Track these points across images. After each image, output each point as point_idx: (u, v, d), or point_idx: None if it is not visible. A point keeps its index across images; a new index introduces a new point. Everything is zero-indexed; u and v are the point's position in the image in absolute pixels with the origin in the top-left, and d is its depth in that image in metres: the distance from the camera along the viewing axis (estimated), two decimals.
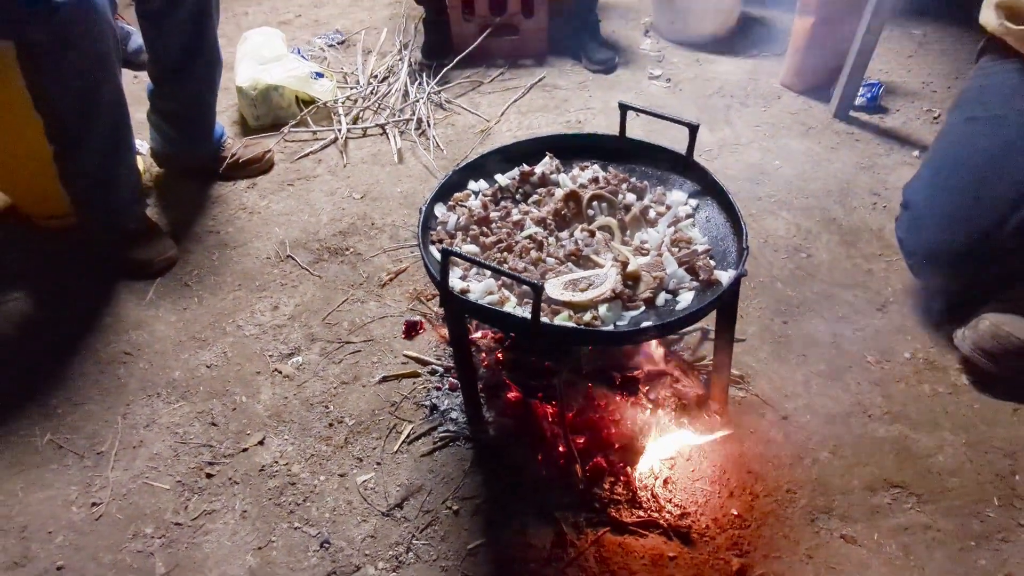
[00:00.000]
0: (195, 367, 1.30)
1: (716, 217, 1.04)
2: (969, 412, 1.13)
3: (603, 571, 0.96)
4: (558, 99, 2.02)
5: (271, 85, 1.91)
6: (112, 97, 1.30)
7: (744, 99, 1.97)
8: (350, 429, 1.17)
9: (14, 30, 1.15)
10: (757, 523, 1.01)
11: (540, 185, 1.12)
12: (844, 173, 1.66)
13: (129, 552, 1.02)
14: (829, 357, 1.23)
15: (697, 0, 2.12)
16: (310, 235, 1.59)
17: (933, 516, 1.00)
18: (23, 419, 1.22)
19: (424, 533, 1.02)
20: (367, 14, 2.56)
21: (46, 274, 1.52)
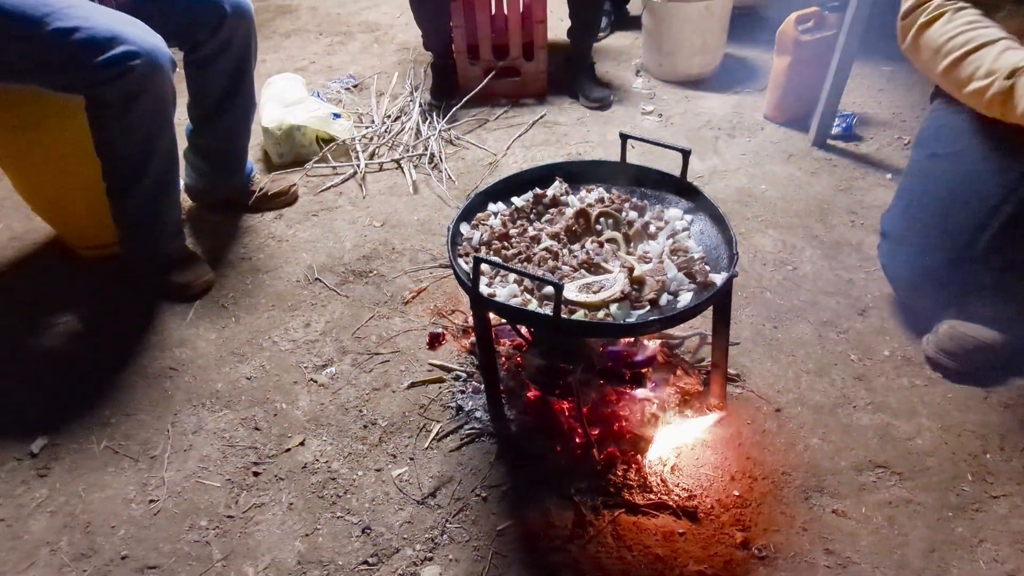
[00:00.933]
0: (236, 379, 1.41)
1: (709, 230, 1.18)
2: (943, 401, 1.25)
3: (620, 546, 1.06)
4: (559, 134, 2.19)
5: (294, 125, 2.07)
6: (167, 144, 1.44)
7: (730, 131, 2.14)
8: (383, 430, 1.28)
9: (90, 88, 1.29)
10: (757, 502, 1.12)
11: (552, 206, 1.26)
12: (823, 195, 1.81)
13: (187, 542, 1.12)
14: (816, 356, 1.36)
15: (683, 43, 2.32)
16: (335, 260, 1.72)
17: (914, 491, 1.11)
18: (80, 428, 1.32)
19: (456, 518, 1.12)
20: (377, 60, 2.76)
21: (91, 298, 1.64)
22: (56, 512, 1.18)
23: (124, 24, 1.28)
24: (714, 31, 2.33)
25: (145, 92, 1.31)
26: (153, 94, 1.33)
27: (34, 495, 1.21)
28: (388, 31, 3.01)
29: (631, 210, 1.22)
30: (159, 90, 1.33)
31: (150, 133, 1.39)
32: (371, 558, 1.08)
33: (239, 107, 1.70)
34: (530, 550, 1.07)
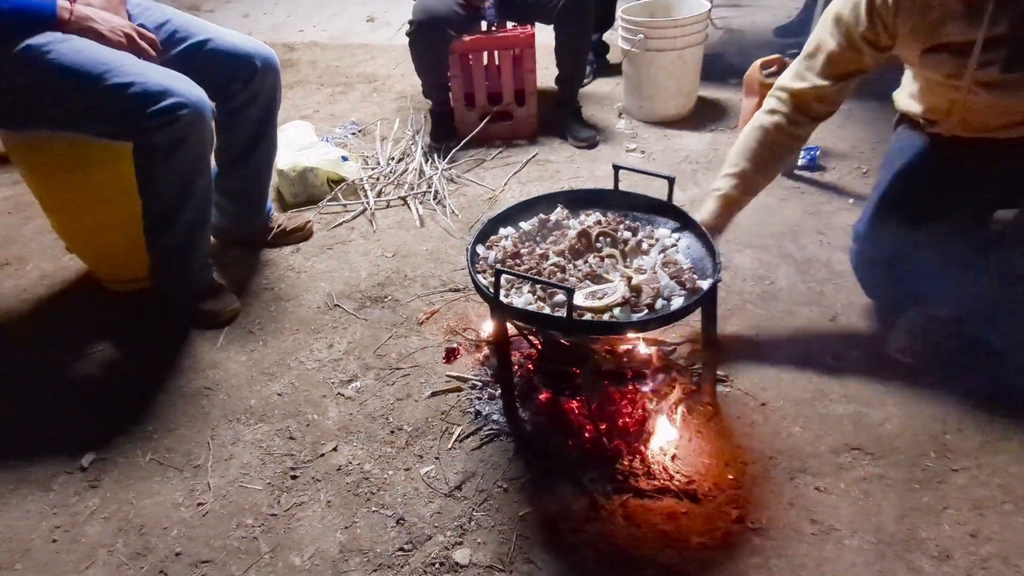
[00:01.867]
0: (268, 396, 1.53)
1: (694, 244, 1.35)
2: (906, 391, 1.41)
3: (630, 525, 1.19)
4: (551, 170, 2.39)
5: (308, 167, 2.24)
6: (204, 185, 1.59)
7: (707, 164, 2.35)
8: (409, 434, 1.40)
9: (140, 135, 1.45)
10: (749, 483, 1.25)
11: (555, 229, 1.43)
12: (794, 218, 2.01)
13: (235, 538, 1.22)
14: (794, 358, 1.52)
15: (660, 88, 2.55)
16: (352, 287, 1.86)
17: (885, 468, 1.26)
18: (125, 444, 1.43)
19: (482, 507, 1.24)
20: (377, 107, 2.96)
21: (124, 328, 1.76)
22: (110, 518, 1.28)
23: (172, 78, 1.44)
24: (688, 76, 2.56)
25: (189, 139, 1.47)
26: (196, 140, 1.49)
27: (87, 504, 1.31)
28: (386, 81, 3.22)
29: (626, 230, 1.39)
30: (201, 136, 1.49)
31: (190, 175, 1.54)
32: (406, 545, 1.19)
33: (264, 152, 1.86)
34: (550, 531, 1.19)
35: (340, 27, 4.06)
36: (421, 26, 2.29)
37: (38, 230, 2.22)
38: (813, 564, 1.12)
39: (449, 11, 2.29)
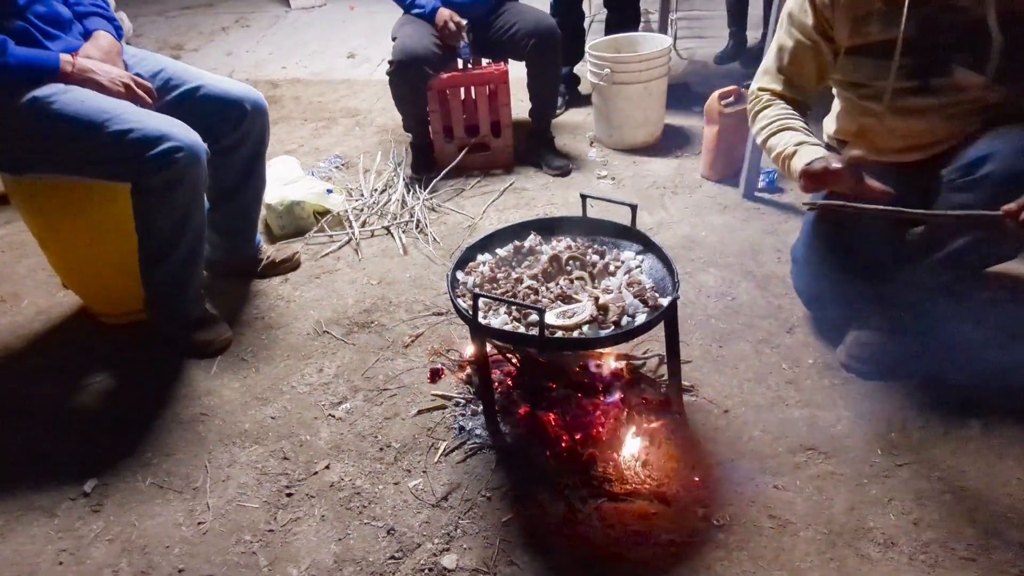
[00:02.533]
0: (262, 419, 1.61)
1: (656, 266, 1.47)
2: (856, 395, 1.53)
3: (605, 527, 1.28)
4: (527, 198, 2.51)
5: (294, 201, 2.35)
6: (198, 221, 1.69)
7: (674, 189, 2.49)
8: (397, 451, 1.49)
9: (139, 177, 1.55)
10: (713, 485, 1.36)
11: (529, 255, 1.54)
12: (754, 237, 2.15)
13: (235, 553, 1.30)
14: (754, 367, 1.64)
15: (628, 117, 2.70)
16: (340, 314, 1.96)
17: (836, 465, 1.37)
18: (126, 470, 1.50)
19: (467, 515, 1.33)
20: (360, 141, 3.08)
21: (120, 359, 1.84)
22: (114, 540, 1.35)
23: (169, 124, 1.55)
24: (654, 107, 2.72)
25: (185, 179, 1.57)
26: (191, 180, 1.59)
27: (91, 527, 1.38)
28: (368, 115, 3.35)
29: (593, 254, 1.51)
30: (196, 177, 1.59)
31: (186, 212, 1.64)
32: (397, 553, 1.27)
33: (252, 188, 1.97)
34: (531, 535, 1.28)
35: (322, 64, 4.20)
36: (401, 65, 2.42)
37: (32, 268, 2.29)
38: (771, 555, 1.22)
39: (427, 51, 2.42)
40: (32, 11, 1.53)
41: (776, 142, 1.44)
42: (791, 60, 1.47)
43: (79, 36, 1.65)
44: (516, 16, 2.54)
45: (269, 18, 5.25)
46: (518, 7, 2.61)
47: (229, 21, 5.23)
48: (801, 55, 1.45)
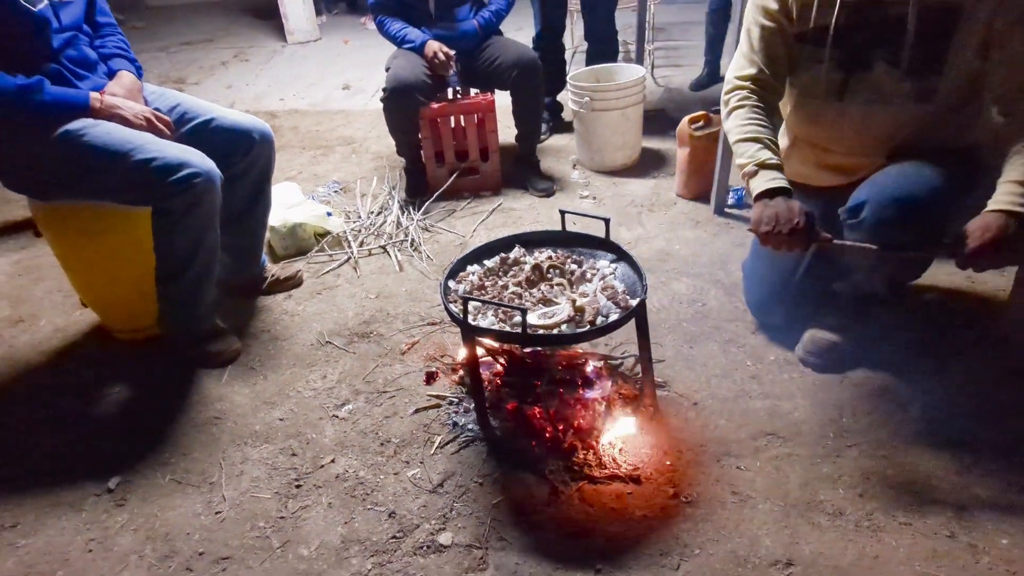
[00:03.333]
0: (271, 421, 1.75)
1: (628, 272, 1.63)
2: (812, 386, 1.69)
3: (585, 506, 1.42)
4: (514, 217, 2.69)
5: (296, 223, 2.51)
6: (212, 240, 1.84)
7: (650, 207, 2.68)
8: (396, 445, 1.63)
9: (159, 201, 1.71)
10: (683, 467, 1.50)
11: (514, 265, 1.70)
12: (723, 250, 2.32)
13: (250, 538, 1.43)
14: (721, 364, 1.80)
15: (607, 142, 2.90)
16: (341, 326, 2.11)
17: (793, 448, 1.52)
18: (146, 468, 1.63)
19: (460, 499, 1.47)
20: (356, 167, 3.26)
21: (135, 371, 1.97)
22: (138, 529, 1.47)
23: (188, 152, 1.72)
24: (631, 131, 2.92)
25: (201, 202, 1.73)
26: (207, 203, 1.75)
27: (116, 519, 1.50)
28: (363, 143, 3.54)
29: (572, 263, 1.68)
30: (211, 200, 1.76)
31: (201, 233, 1.79)
32: (398, 533, 1.41)
33: (259, 212, 2.13)
34: (519, 514, 1.42)
35: (318, 95, 4.41)
36: (394, 92, 2.60)
37: (48, 290, 2.43)
38: (732, 525, 1.36)
39: (418, 80, 2.61)
40: (65, 55, 1.70)
41: (742, 150, 1.54)
42: (761, 43, 1.57)
43: (104, 75, 1.82)
44: (500, 50, 2.75)
45: (267, 52, 5.48)
46: (502, 41, 2.82)
47: (228, 56, 5.45)
48: (769, 37, 1.56)
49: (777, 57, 1.58)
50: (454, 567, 1.33)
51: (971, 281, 2.01)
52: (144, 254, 1.86)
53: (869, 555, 1.28)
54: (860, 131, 1.56)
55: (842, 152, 1.62)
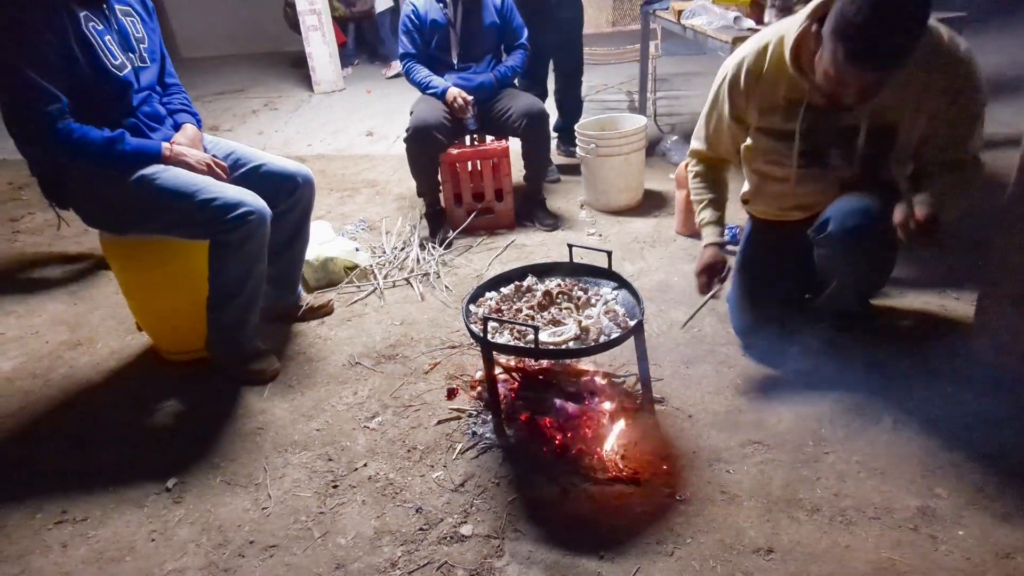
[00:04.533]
0: (308, 432, 1.95)
1: (628, 298, 1.85)
2: (795, 401, 1.86)
3: (590, 503, 1.60)
4: (526, 252, 2.92)
5: (328, 257, 2.76)
6: (260, 271, 2.08)
7: (652, 243, 2.90)
8: (422, 451, 1.82)
9: (217, 235, 1.96)
10: (678, 471, 1.68)
11: (527, 292, 1.92)
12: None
13: (294, 529, 1.62)
14: (714, 383, 1.99)
15: (611, 184, 3.15)
16: (369, 349, 2.32)
17: (777, 454, 1.70)
18: (199, 471, 1.83)
19: (480, 497, 1.65)
20: (380, 208, 3.53)
21: (186, 388, 2.19)
22: (194, 523, 1.67)
23: (243, 193, 1.97)
24: (633, 175, 3.18)
25: (254, 236, 1.98)
26: (258, 238, 1.99)
27: (175, 514, 1.70)
28: (386, 186, 3.82)
29: (578, 290, 1.90)
30: (263, 235, 2.00)
31: (252, 263, 2.03)
32: (424, 526, 1.59)
33: (299, 246, 2.38)
34: (531, 510, 1.60)
35: (343, 141, 4.73)
36: (416, 131, 2.87)
37: (103, 316, 2.68)
38: (721, 519, 1.53)
39: (438, 121, 2.89)
40: (141, 111, 1.98)
41: (697, 210, 1.98)
42: (714, 131, 1.89)
43: (171, 127, 2.10)
44: (511, 100, 3.03)
45: (294, 102, 5.87)
46: (513, 92, 3.11)
47: (259, 104, 5.84)
48: (720, 129, 1.87)
49: (725, 144, 1.91)
50: (475, 554, 1.51)
51: (942, 307, 2.20)
52: (197, 283, 2.10)
53: (841, 544, 1.45)
54: (813, 200, 1.82)
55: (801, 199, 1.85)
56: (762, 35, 1.73)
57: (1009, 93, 4.18)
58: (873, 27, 1.33)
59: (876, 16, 1.32)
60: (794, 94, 1.67)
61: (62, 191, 1.97)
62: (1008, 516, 1.47)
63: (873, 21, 1.33)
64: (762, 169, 1.84)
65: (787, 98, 1.69)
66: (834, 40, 1.40)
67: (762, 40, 1.71)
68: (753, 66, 1.71)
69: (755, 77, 1.71)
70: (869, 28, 1.34)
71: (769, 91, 1.71)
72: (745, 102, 1.77)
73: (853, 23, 1.35)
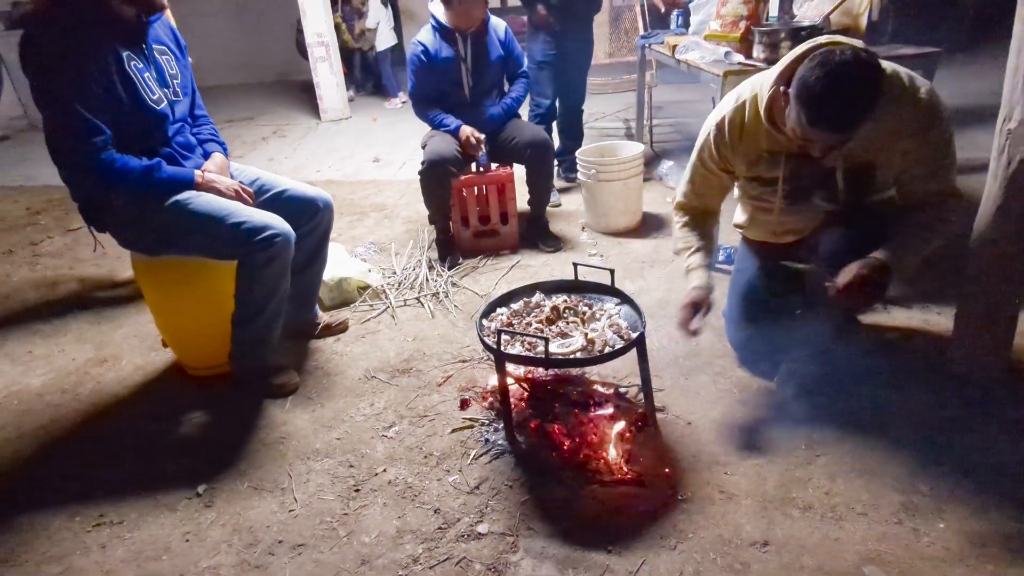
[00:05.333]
0: (329, 440, 2.06)
1: (630, 312, 1.98)
2: (788, 409, 1.99)
3: (597, 503, 1.71)
4: (531, 272, 3.06)
5: (343, 277, 2.89)
6: (284, 288, 2.22)
7: (651, 263, 3.05)
8: (438, 457, 1.94)
9: (245, 256, 2.09)
10: (679, 473, 1.80)
11: (535, 307, 2.06)
12: (714, 298, 2.66)
13: (320, 529, 1.72)
14: (712, 393, 2.11)
15: (611, 208, 3.31)
16: (384, 363, 2.44)
17: (771, 457, 1.82)
18: (227, 477, 1.94)
19: (494, 498, 1.76)
20: (389, 231, 3.68)
21: (211, 401, 2.30)
22: (225, 524, 1.77)
23: (269, 216, 2.11)
24: (632, 199, 3.34)
25: (279, 257, 2.11)
26: (283, 258, 2.13)
27: (206, 517, 1.80)
28: (394, 209, 3.98)
29: (583, 306, 2.03)
30: (287, 255, 2.14)
31: (276, 282, 2.17)
32: (443, 525, 1.70)
33: (317, 266, 2.51)
34: (543, 510, 1.71)
35: (351, 167, 4.91)
36: (432, 164, 3.02)
37: (126, 335, 2.80)
38: (720, 516, 1.65)
39: (452, 155, 3.05)
40: (175, 141, 2.14)
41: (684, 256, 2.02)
42: (701, 183, 2.00)
43: (201, 156, 2.25)
44: (517, 131, 3.21)
45: (302, 129, 6.06)
46: (519, 123, 3.29)
47: (268, 132, 6.04)
48: (707, 181, 1.98)
49: (711, 195, 2.02)
50: (491, 550, 1.62)
51: (925, 322, 2.34)
52: (221, 302, 2.23)
53: (831, 537, 1.56)
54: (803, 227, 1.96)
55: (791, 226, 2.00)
56: (739, 92, 1.87)
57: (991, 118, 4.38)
58: (830, 97, 1.47)
59: (833, 86, 1.46)
60: (773, 146, 1.80)
61: (101, 216, 2.11)
62: (984, 509, 1.59)
63: (830, 91, 1.47)
64: (751, 205, 1.99)
65: (768, 150, 1.82)
66: (797, 104, 1.54)
67: (739, 97, 1.85)
68: (734, 120, 1.84)
69: (737, 130, 1.84)
70: (826, 97, 1.48)
71: (751, 144, 1.84)
72: (732, 155, 1.89)
73: (813, 91, 1.49)
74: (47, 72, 1.85)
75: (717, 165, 1.94)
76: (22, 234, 4.20)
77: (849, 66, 1.48)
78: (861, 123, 1.53)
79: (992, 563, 1.46)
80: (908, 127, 1.67)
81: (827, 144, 1.60)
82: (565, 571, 1.54)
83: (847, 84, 1.48)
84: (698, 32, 3.41)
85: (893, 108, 1.63)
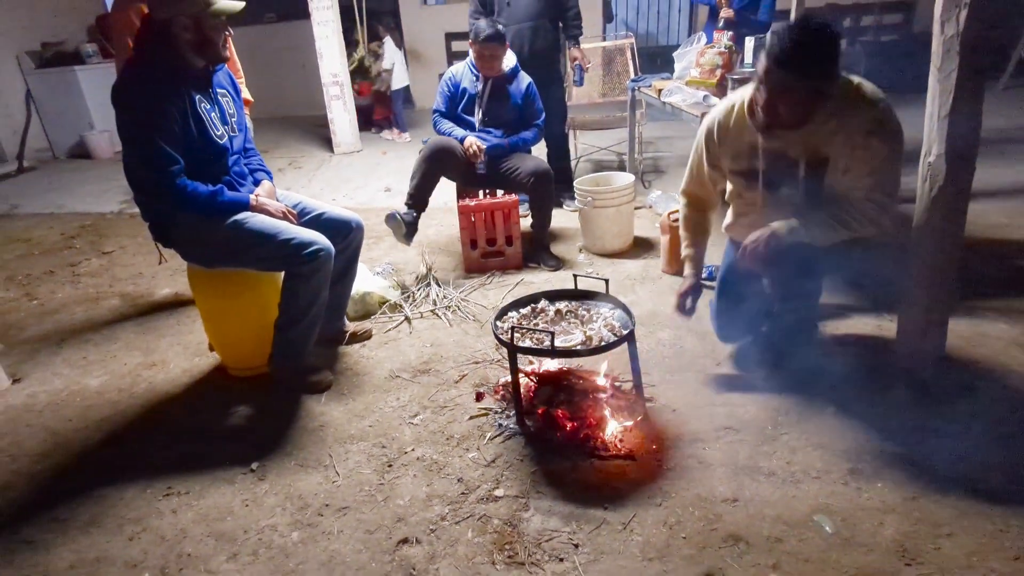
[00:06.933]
0: (362, 427, 2.38)
1: (623, 315, 2.32)
2: (758, 398, 2.32)
3: (595, 473, 2.03)
4: (534, 288, 3.40)
5: (366, 292, 3.23)
6: (324, 297, 2.55)
7: (642, 280, 3.40)
8: (458, 439, 2.25)
9: (292, 268, 2.43)
10: (665, 449, 2.11)
11: (541, 312, 2.40)
12: (698, 310, 3.01)
13: (360, 495, 2.02)
14: (695, 386, 2.44)
15: (605, 231, 3.68)
16: (406, 365, 2.76)
17: (743, 436, 2.14)
18: (276, 457, 2.24)
19: (508, 470, 2.07)
20: (402, 253, 4.03)
21: (254, 397, 2.61)
22: (278, 493, 2.07)
23: (314, 234, 2.46)
24: (624, 224, 3.71)
25: (322, 269, 2.45)
26: (325, 270, 2.47)
27: (261, 488, 2.10)
28: None
29: (582, 310, 2.37)
30: (328, 268, 2.48)
31: (318, 291, 2.50)
32: (465, 490, 2.00)
33: (348, 280, 2.86)
34: (549, 478, 2.02)
35: (364, 196, 5.28)
36: (436, 145, 3.52)
37: (170, 342, 3.12)
38: (698, 480, 1.96)
39: (456, 148, 3.49)
40: (232, 170, 2.50)
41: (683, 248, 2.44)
42: (696, 175, 2.39)
43: (252, 183, 2.61)
44: (520, 161, 3.60)
45: (316, 161, 6.46)
46: (523, 155, 3.68)
47: (284, 163, 6.43)
48: (702, 174, 2.36)
49: (704, 183, 2.40)
50: (507, 509, 1.92)
51: (878, 327, 2.69)
52: (264, 309, 2.57)
53: (789, 495, 1.88)
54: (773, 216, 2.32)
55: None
56: (731, 98, 2.25)
57: None
58: (795, 41, 1.82)
59: (796, 30, 1.82)
60: (754, 140, 2.17)
61: (169, 233, 2.45)
62: (918, 474, 1.91)
63: (796, 38, 1.82)
64: (737, 202, 2.35)
65: (750, 144, 2.18)
66: (764, 61, 1.89)
67: (731, 102, 2.23)
68: (723, 122, 2.22)
69: (725, 130, 2.21)
70: (791, 41, 1.82)
71: (736, 140, 2.20)
72: (719, 150, 2.26)
73: (780, 42, 1.84)
74: (135, 111, 2.22)
75: (708, 160, 2.31)
76: (60, 256, 4.53)
77: (814, 20, 1.84)
78: (817, 69, 1.83)
79: (919, 511, 1.78)
80: (856, 124, 1.95)
81: (779, 93, 1.88)
82: (569, 523, 1.85)
83: (809, 30, 1.81)
84: (681, 78, 3.84)
85: (846, 103, 1.95)
